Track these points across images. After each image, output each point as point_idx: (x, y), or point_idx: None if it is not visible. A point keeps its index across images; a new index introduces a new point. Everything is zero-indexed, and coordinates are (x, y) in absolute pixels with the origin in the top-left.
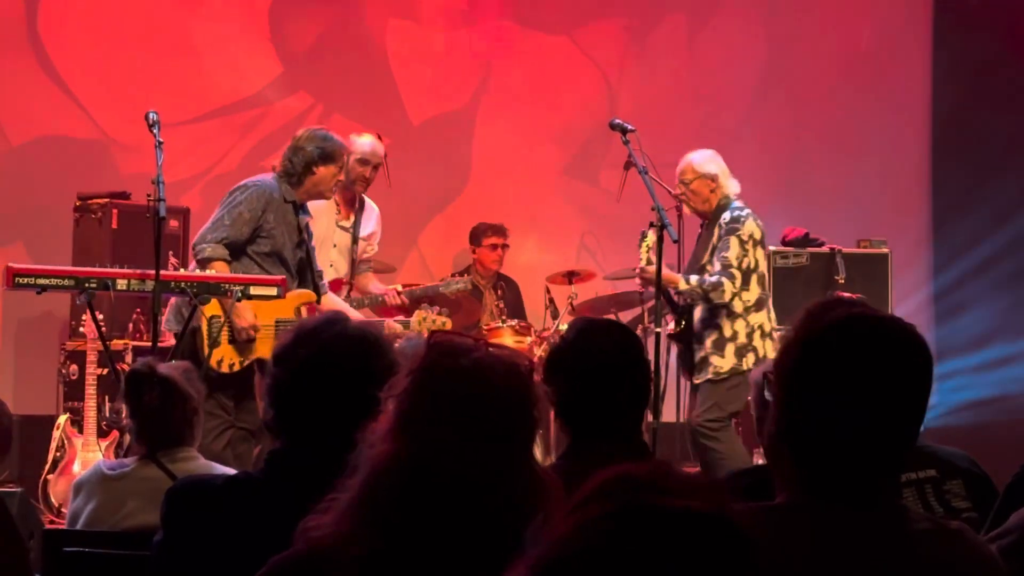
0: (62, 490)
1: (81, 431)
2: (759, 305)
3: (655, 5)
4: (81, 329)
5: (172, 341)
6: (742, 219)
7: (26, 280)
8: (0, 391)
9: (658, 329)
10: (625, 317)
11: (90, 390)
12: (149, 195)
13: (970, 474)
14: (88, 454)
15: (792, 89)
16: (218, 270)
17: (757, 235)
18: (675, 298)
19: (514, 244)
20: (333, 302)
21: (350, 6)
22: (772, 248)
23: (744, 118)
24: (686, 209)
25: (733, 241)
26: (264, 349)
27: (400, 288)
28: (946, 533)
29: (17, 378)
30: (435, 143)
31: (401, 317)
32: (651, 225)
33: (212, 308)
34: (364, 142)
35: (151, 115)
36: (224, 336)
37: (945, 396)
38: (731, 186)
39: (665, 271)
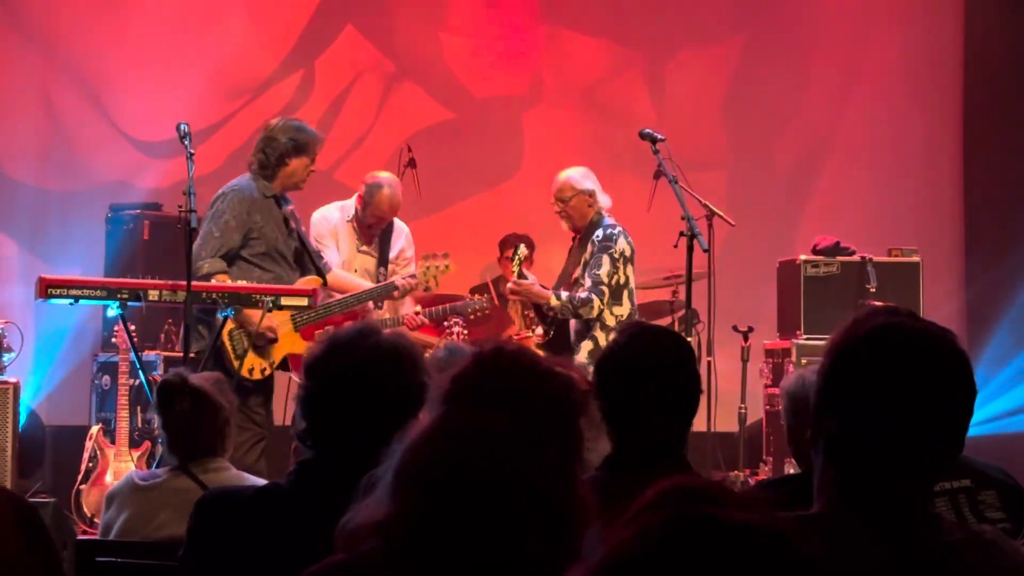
0: (95, 500)
1: (113, 441)
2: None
3: (698, 19)
4: (113, 340)
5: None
6: (614, 237)
7: (59, 291)
8: (33, 401)
9: (689, 338)
10: None
11: (122, 400)
12: (180, 206)
13: (1004, 485)
14: (120, 464)
15: (824, 97)
16: (220, 282)
17: (628, 252)
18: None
19: (544, 252)
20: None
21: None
22: (803, 257)
23: (776, 126)
24: (710, 219)
25: (605, 259)
26: (287, 345)
27: (419, 309)
28: (981, 542)
29: (50, 388)
30: (462, 150)
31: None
32: (681, 234)
33: (227, 323)
34: (383, 198)
35: (182, 127)
36: (247, 344)
37: (978, 406)
38: (604, 201)
39: (536, 288)
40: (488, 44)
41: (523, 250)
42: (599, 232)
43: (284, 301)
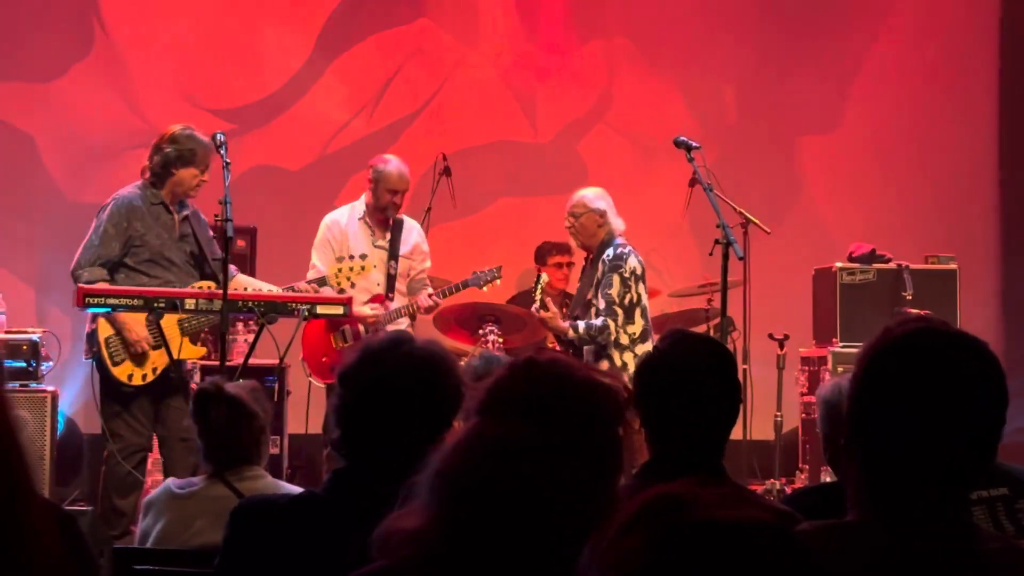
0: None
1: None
2: (644, 337)
3: (730, 22)
4: None
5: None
6: (624, 256)
7: (97, 300)
8: (71, 410)
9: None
10: None
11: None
12: (217, 215)
13: None
14: (157, 472)
15: (860, 104)
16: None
17: (639, 271)
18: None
19: (580, 261)
20: (244, 283)
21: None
22: (838, 264)
23: (812, 133)
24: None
25: (615, 278)
26: (175, 351)
27: (431, 291)
28: (1017, 552)
29: (87, 397)
30: (498, 161)
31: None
32: (716, 242)
33: (104, 329)
34: (391, 171)
35: (219, 136)
36: (125, 351)
37: (1014, 414)
38: (617, 224)
39: (556, 321)
40: (524, 56)
41: (545, 278)
42: (609, 252)
43: (320, 310)
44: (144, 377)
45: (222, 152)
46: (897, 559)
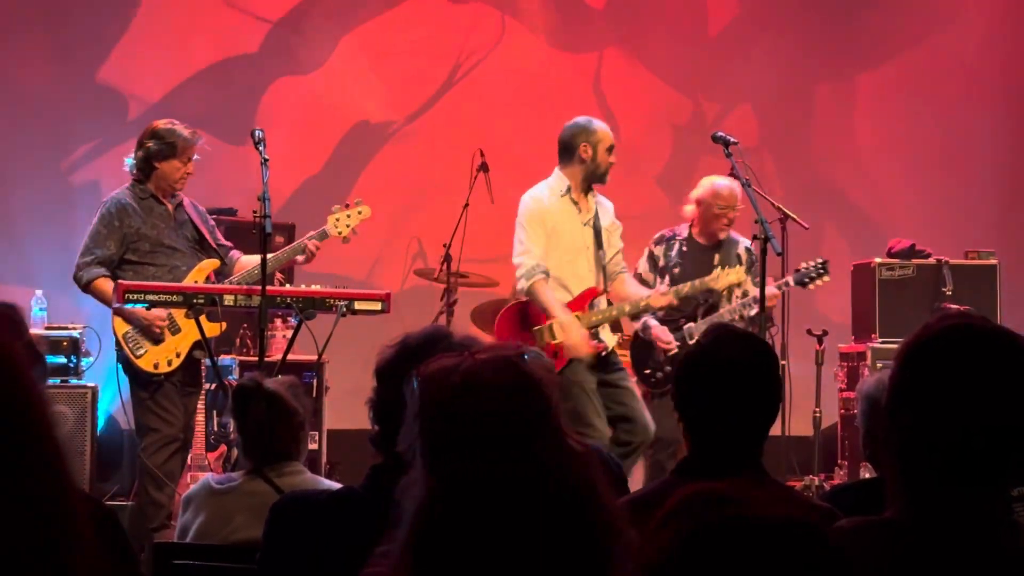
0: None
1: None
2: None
3: (768, 19)
4: None
5: (278, 355)
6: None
7: (136, 296)
8: (111, 406)
9: None
10: None
11: (199, 405)
12: (255, 211)
13: None
14: (196, 469)
15: (899, 99)
16: (102, 287)
17: None
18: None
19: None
20: (243, 263)
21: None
22: (878, 260)
23: (851, 128)
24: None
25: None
26: (192, 333)
27: (664, 289)
28: None
29: (128, 393)
30: (533, 156)
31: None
32: (754, 238)
33: (119, 327)
34: (607, 128)
35: (257, 132)
36: (145, 341)
37: None
38: None
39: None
40: (561, 52)
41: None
42: (746, 242)
43: (358, 306)
44: (169, 363)
45: (260, 148)
46: (937, 557)
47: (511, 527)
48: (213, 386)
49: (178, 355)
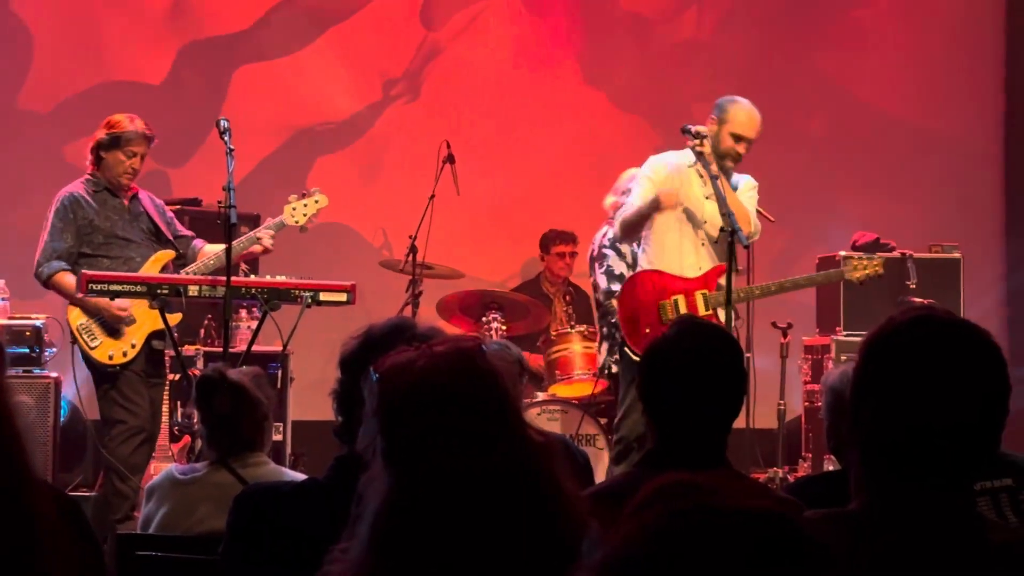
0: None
1: None
2: None
3: (734, 14)
4: None
5: (243, 347)
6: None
7: (100, 286)
8: (75, 396)
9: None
10: None
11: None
12: (220, 202)
13: None
14: (160, 459)
15: (864, 93)
16: (63, 281)
17: None
18: None
19: (584, 250)
20: (207, 251)
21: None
22: (842, 253)
23: (816, 123)
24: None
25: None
26: (150, 323)
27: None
28: (1022, 543)
29: (90, 383)
30: (500, 148)
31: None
32: (720, 230)
33: (75, 317)
34: (741, 108)
35: (222, 122)
36: (100, 332)
37: (1017, 401)
38: None
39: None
40: (527, 45)
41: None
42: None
43: (323, 297)
44: (125, 353)
45: (225, 139)
46: (900, 549)
47: (472, 520)
48: (178, 377)
49: (133, 345)
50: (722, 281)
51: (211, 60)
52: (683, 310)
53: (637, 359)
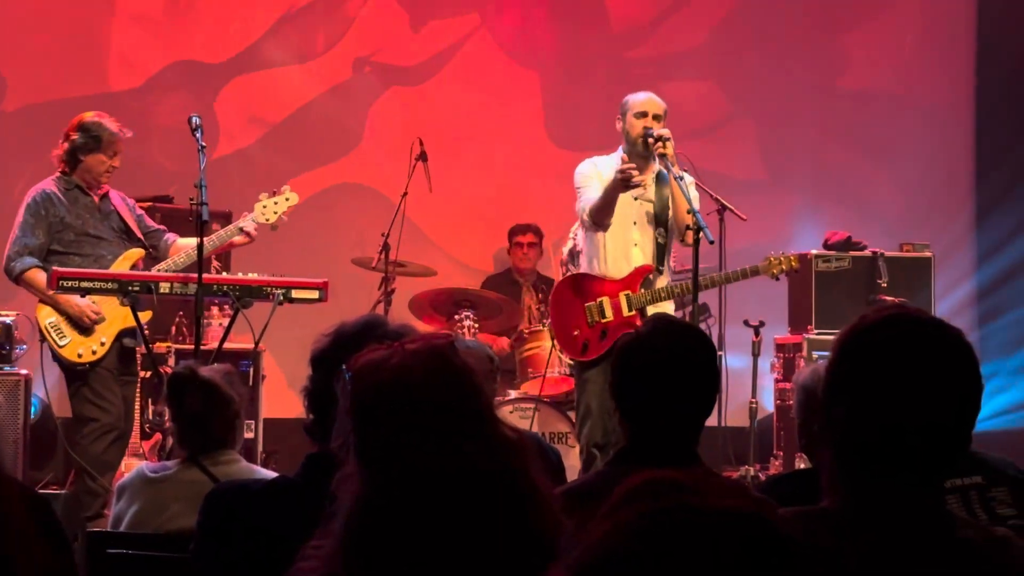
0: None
1: None
2: None
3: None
4: None
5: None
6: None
7: (70, 283)
8: (46, 394)
9: None
10: None
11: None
12: (192, 199)
13: (1017, 481)
14: (131, 457)
15: (834, 92)
16: (34, 278)
17: None
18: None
19: (549, 242)
20: (179, 245)
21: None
22: (814, 251)
23: (788, 120)
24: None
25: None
26: (119, 320)
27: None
28: (991, 541)
29: (60, 381)
30: (472, 146)
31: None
32: (687, 228)
33: (44, 315)
34: (637, 96)
35: (194, 119)
36: (69, 329)
37: (987, 398)
38: None
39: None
40: (497, 38)
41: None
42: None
43: (295, 294)
44: (94, 351)
45: (197, 135)
46: (871, 548)
47: (447, 518)
48: (149, 374)
49: (103, 343)
50: (653, 279)
51: (188, 65)
52: (608, 312)
53: (572, 363)
